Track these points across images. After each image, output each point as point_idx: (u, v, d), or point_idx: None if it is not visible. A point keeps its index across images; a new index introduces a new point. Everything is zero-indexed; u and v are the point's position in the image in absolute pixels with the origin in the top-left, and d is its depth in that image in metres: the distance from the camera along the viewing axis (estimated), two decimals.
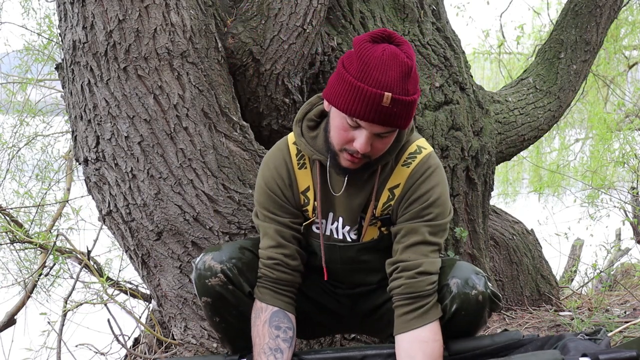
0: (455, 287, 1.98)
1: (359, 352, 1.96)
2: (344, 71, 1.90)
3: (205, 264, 2.06)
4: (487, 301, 2.00)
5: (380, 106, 1.84)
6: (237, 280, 2.06)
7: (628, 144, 6.71)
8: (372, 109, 1.85)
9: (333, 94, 1.93)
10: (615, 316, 3.48)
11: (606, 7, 4.02)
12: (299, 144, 2.11)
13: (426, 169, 2.07)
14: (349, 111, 1.86)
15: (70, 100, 2.75)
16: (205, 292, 2.07)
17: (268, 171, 2.16)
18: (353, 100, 1.86)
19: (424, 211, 2.03)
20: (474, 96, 3.40)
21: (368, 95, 1.84)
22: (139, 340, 3.31)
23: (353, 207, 2.09)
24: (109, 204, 2.73)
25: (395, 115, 1.86)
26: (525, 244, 3.82)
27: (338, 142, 1.95)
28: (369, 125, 1.87)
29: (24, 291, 4.36)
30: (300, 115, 2.13)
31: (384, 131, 1.90)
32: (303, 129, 2.11)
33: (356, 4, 3.16)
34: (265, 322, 2.03)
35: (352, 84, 1.86)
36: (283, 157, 2.15)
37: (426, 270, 2.00)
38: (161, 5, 2.56)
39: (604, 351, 1.69)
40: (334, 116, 1.95)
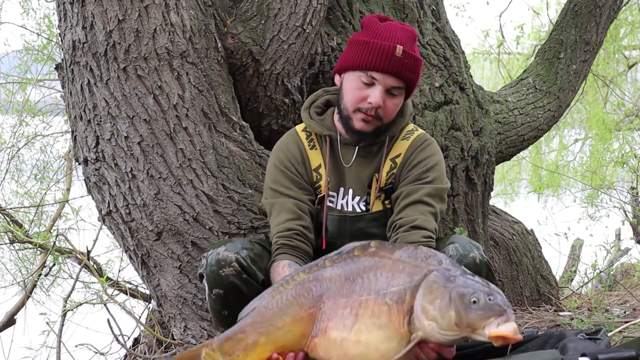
0: (453, 251, 2.09)
1: None
2: (355, 38, 2.17)
3: (220, 255, 2.10)
4: (484, 266, 2.08)
5: (394, 56, 2.09)
6: (251, 269, 2.11)
7: (627, 144, 6.71)
8: (386, 59, 2.09)
9: (346, 59, 2.17)
10: (614, 316, 3.48)
11: (606, 7, 4.02)
12: (308, 125, 2.29)
13: (424, 140, 2.29)
14: (365, 64, 2.10)
15: (69, 100, 2.75)
16: (218, 283, 2.09)
17: (281, 152, 2.29)
18: (367, 54, 2.11)
19: (423, 174, 2.20)
20: (474, 96, 3.40)
21: (381, 47, 2.10)
22: (139, 340, 3.31)
23: (362, 178, 2.25)
24: (109, 204, 2.73)
25: (406, 67, 2.11)
26: (525, 244, 3.82)
27: (352, 102, 2.15)
28: (383, 78, 2.10)
29: (24, 291, 4.36)
30: (307, 104, 2.33)
31: (397, 84, 2.12)
32: (311, 114, 2.30)
33: (356, 4, 3.16)
34: (285, 266, 2.11)
35: (366, 42, 2.13)
36: (294, 140, 2.31)
37: (420, 225, 2.11)
38: (161, 5, 2.56)
39: (603, 351, 1.69)
40: (348, 80, 2.17)
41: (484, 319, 1.58)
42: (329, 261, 1.80)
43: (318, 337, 1.74)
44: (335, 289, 1.75)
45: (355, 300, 1.71)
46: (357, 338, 1.68)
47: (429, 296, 1.64)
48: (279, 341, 1.77)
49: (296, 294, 1.78)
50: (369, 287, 1.71)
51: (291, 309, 1.77)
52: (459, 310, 1.59)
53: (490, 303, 1.59)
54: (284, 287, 1.81)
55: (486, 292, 1.61)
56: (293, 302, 1.77)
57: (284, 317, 1.77)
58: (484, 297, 1.60)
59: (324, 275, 1.77)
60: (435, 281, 1.66)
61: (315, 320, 1.75)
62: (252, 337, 1.76)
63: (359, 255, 1.78)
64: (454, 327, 1.61)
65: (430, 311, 1.63)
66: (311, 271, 1.80)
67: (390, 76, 2.11)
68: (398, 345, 1.66)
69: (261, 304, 1.80)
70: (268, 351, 1.76)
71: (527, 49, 8.37)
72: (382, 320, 1.67)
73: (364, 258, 1.77)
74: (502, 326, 1.57)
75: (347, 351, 1.69)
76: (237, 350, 1.76)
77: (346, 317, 1.70)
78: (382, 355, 1.66)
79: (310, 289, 1.77)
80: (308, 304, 1.76)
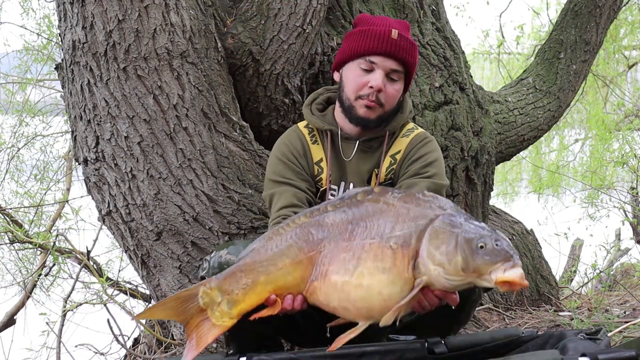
0: None
1: (357, 349, 1.96)
2: (350, 32, 2.26)
3: (222, 258, 2.08)
4: None
5: (391, 39, 2.17)
6: None
7: (627, 144, 6.71)
8: (383, 41, 2.16)
9: (344, 52, 2.24)
10: (614, 316, 3.48)
11: (606, 7, 4.02)
12: (310, 120, 2.32)
13: (424, 137, 2.31)
14: (363, 49, 2.18)
15: (69, 100, 2.75)
16: None
17: (283, 145, 2.31)
18: (365, 40, 2.18)
19: (423, 169, 2.22)
20: (474, 96, 3.40)
21: (378, 32, 2.18)
22: (139, 341, 3.31)
23: (362, 172, 2.27)
24: (109, 204, 2.73)
25: (404, 49, 2.18)
26: (524, 244, 3.82)
27: (354, 90, 2.20)
28: (382, 60, 2.17)
29: (24, 291, 4.36)
30: (308, 101, 2.37)
31: (396, 67, 2.18)
32: (312, 110, 2.34)
33: (356, 4, 3.16)
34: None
35: (361, 31, 2.21)
36: (297, 135, 2.34)
37: None
38: (161, 6, 2.56)
39: (603, 351, 1.69)
40: (347, 71, 2.23)
41: (491, 264, 1.56)
42: (331, 206, 1.77)
43: (318, 280, 1.71)
44: (336, 233, 1.72)
45: (358, 244, 1.68)
46: (359, 282, 1.65)
47: (436, 241, 1.62)
48: (278, 281, 1.74)
49: (296, 237, 1.75)
50: (372, 231, 1.68)
51: (290, 251, 1.74)
52: (465, 255, 1.58)
53: (497, 248, 1.57)
54: (284, 229, 1.78)
55: (493, 237, 1.59)
56: (293, 245, 1.75)
57: (283, 259, 1.74)
58: (491, 242, 1.58)
59: (326, 220, 1.74)
60: (442, 226, 1.63)
61: (314, 264, 1.72)
62: (252, 276, 1.74)
63: (361, 200, 1.75)
64: (460, 272, 1.59)
65: (436, 256, 1.61)
66: (312, 215, 1.77)
67: (388, 58, 2.17)
68: (401, 290, 1.64)
69: (261, 245, 1.78)
70: (267, 291, 1.74)
71: (527, 49, 8.37)
72: (386, 264, 1.64)
73: (367, 203, 1.74)
74: (509, 272, 1.55)
75: (348, 295, 1.67)
76: (235, 288, 1.74)
77: (348, 260, 1.67)
78: (385, 300, 1.64)
79: (310, 233, 1.74)
80: (308, 247, 1.73)
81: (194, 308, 1.75)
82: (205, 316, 1.76)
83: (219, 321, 1.75)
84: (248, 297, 1.74)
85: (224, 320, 1.75)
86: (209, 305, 1.75)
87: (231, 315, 1.75)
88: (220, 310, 1.75)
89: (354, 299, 1.67)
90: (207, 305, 1.75)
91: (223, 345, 2.72)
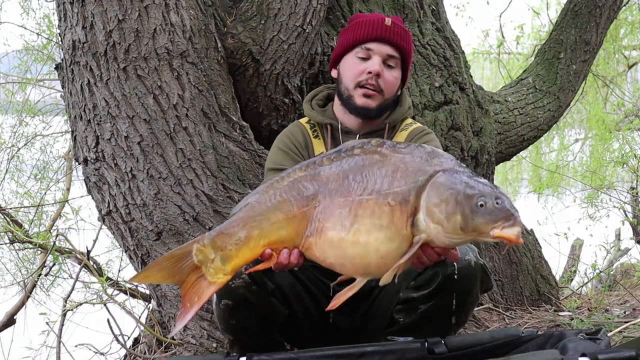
0: None
1: (357, 350, 1.95)
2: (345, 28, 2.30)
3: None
4: (479, 269, 2.03)
5: (384, 25, 2.20)
6: (261, 280, 2.05)
7: (627, 144, 6.70)
8: (377, 28, 2.20)
9: (339, 46, 2.27)
10: (614, 316, 3.48)
11: (606, 7, 4.02)
12: (310, 115, 2.34)
13: (423, 129, 2.34)
14: (358, 38, 2.21)
15: (69, 100, 2.75)
16: (227, 294, 2.03)
17: (285, 137, 2.32)
18: (359, 30, 2.22)
19: None
20: (474, 96, 3.40)
21: (371, 20, 2.22)
22: (139, 340, 3.31)
23: None
24: (109, 204, 2.73)
25: (398, 35, 2.22)
26: (524, 244, 3.82)
27: (352, 78, 2.22)
28: (378, 46, 2.21)
29: (24, 291, 4.36)
30: (309, 97, 2.39)
31: (392, 53, 2.21)
32: (313, 105, 2.36)
33: (356, 4, 3.16)
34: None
35: (355, 23, 2.25)
36: (299, 128, 2.35)
37: None
38: (161, 5, 2.56)
39: (603, 351, 1.68)
40: (344, 63, 2.25)
41: (491, 223, 1.55)
42: (327, 159, 1.74)
43: (313, 237, 1.69)
44: (332, 188, 1.69)
45: (355, 200, 1.65)
46: (355, 239, 1.63)
47: (435, 198, 1.59)
48: (272, 236, 1.72)
49: (290, 191, 1.73)
50: (369, 186, 1.66)
51: (284, 206, 1.72)
52: (465, 214, 1.56)
53: (498, 207, 1.56)
54: (278, 183, 1.76)
55: (494, 195, 1.57)
56: (286, 199, 1.72)
57: (276, 213, 1.72)
58: (492, 200, 1.56)
59: (321, 174, 1.72)
60: (442, 183, 1.61)
61: (309, 219, 1.70)
62: (245, 231, 1.72)
63: (359, 153, 1.72)
64: (459, 231, 1.58)
65: (435, 214, 1.58)
66: (308, 169, 1.75)
67: (384, 44, 2.21)
68: (399, 247, 1.62)
69: (254, 199, 1.75)
70: (261, 246, 1.73)
71: (527, 49, 8.38)
72: (383, 221, 1.62)
73: (364, 156, 1.71)
74: (507, 230, 1.54)
75: (344, 252, 1.65)
76: (229, 244, 1.72)
77: (344, 217, 1.65)
78: (382, 257, 1.63)
79: (305, 187, 1.72)
80: (302, 202, 1.71)
81: (189, 266, 1.74)
82: (200, 274, 1.74)
83: (214, 278, 1.74)
84: (242, 252, 1.73)
85: (218, 276, 1.74)
86: (203, 263, 1.73)
87: (225, 271, 1.74)
88: (215, 266, 1.73)
89: (350, 256, 1.65)
90: (202, 262, 1.73)
91: (223, 346, 2.72)
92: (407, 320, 2.09)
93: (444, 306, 2.04)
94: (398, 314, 2.11)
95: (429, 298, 2.04)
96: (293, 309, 2.16)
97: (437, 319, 2.06)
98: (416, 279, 2.07)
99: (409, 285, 2.09)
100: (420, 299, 2.05)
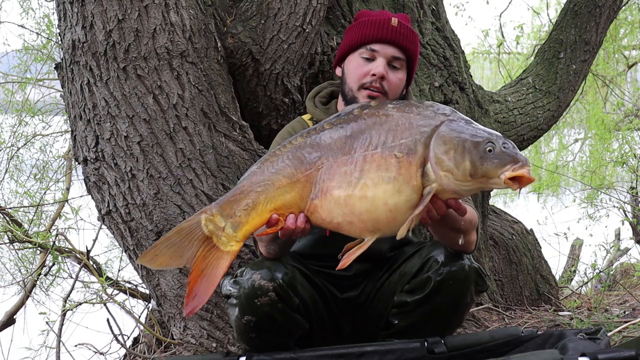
0: (442, 257, 2.02)
1: (357, 349, 1.96)
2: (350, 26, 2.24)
3: (255, 283, 1.99)
4: (473, 272, 2.03)
5: (390, 26, 2.14)
6: (287, 296, 2.02)
7: (627, 144, 6.71)
8: (383, 29, 2.14)
9: (344, 45, 2.22)
10: (614, 316, 3.48)
11: (605, 7, 4.02)
12: (313, 113, 2.30)
13: None
14: (363, 38, 2.15)
15: (69, 100, 2.75)
16: (252, 311, 1.99)
17: (286, 132, 2.29)
18: (365, 29, 2.17)
19: None
20: (474, 96, 3.40)
21: (377, 20, 2.16)
22: (139, 340, 3.30)
23: None
24: (109, 204, 2.73)
25: (404, 36, 2.15)
26: (524, 243, 3.82)
27: (356, 79, 2.16)
28: (383, 47, 2.15)
29: (23, 291, 4.35)
30: (312, 94, 2.34)
31: (397, 55, 2.16)
32: (316, 103, 2.31)
33: (356, 4, 3.16)
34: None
35: (360, 22, 2.19)
36: (301, 124, 2.31)
37: None
38: (160, 5, 2.56)
39: (603, 351, 1.69)
40: (349, 63, 2.20)
41: (500, 167, 1.56)
42: (328, 124, 1.74)
43: (318, 198, 1.69)
44: (335, 149, 1.69)
45: (359, 156, 1.65)
46: (362, 193, 1.62)
47: (443, 147, 1.60)
48: (277, 200, 1.72)
49: (292, 157, 1.73)
50: (373, 142, 1.66)
51: (287, 170, 1.72)
52: (474, 160, 1.57)
53: (506, 150, 1.57)
54: (280, 150, 1.76)
55: (500, 139, 1.59)
56: (289, 165, 1.73)
57: (280, 178, 1.72)
58: (499, 144, 1.58)
59: (322, 138, 1.72)
60: (448, 131, 1.62)
61: (313, 182, 1.70)
62: (251, 196, 1.72)
63: (358, 114, 1.72)
64: (469, 177, 1.58)
65: (444, 162, 1.59)
66: (309, 135, 1.75)
67: (389, 45, 2.15)
68: (408, 199, 1.62)
69: (258, 167, 1.76)
70: (268, 211, 1.73)
71: (527, 49, 8.37)
72: (391, 173, 1.61)
73: (365, 117, 1.71)
74: (518, 170, 1.55)
75: (352, 208, 1.64)
76: (237, 210, 1.72)
77: (350, 173, 1.65)
78: (391, 210, 1.62)
79: (308, 151, 1.72)
80: (304, 166, 1.71)
81: (199, 238, 1.72)
82: (212, 244, 1.73)
83: (227, 247, 1.72)
84: (251, 217, 1.73)
85: (231, 244, 1.73)
86: (214, 232, 1.72)
87: (237, 238, 1.73)
88: (226, 234, 1.72)
89: (358, 212, 1.64)
90: (212, 232, 1.72)
91: (223, 345, 2.72)
92: (402, 323, 2.09)
93: (439, 309, 2.04)
94: (393, 317, 2.11)
95: (423, 301, 2.04)
96: (312, 321, 2.15)
97: (432, 322, 2.06)
98: (410, 282, 2.07)
99: (403, 289, 2.09)
100: (415, 302, 2.05)
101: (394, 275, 2.16)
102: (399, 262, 2.16)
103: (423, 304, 2.04)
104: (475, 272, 2.04)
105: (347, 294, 2.22)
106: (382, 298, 2.17)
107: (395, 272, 2.16)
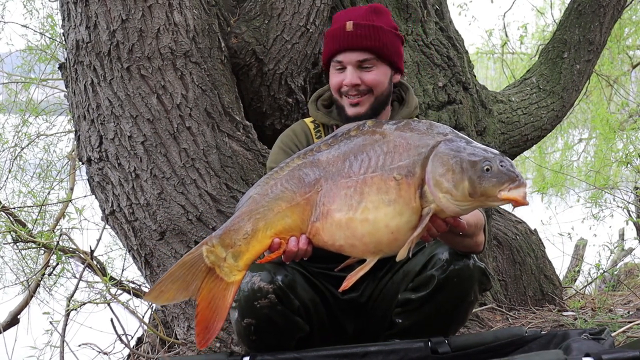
0: (447, 255, 2.02)
1: (361, 349, 1.95)
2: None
3: (255, 285, 1.99)
4: (477, 270, 2.04)
5: (345, 33, 2.11)
6: (286, 298, 2.02)
7: (632, 144, 6.69)
8: (338, 39, 2.12)
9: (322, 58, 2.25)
10: (618, 316, 3.47)
11: (610, 6, 4.01)
12: (315, 116, 2.29)
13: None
14: (329, 53, 2.17)
15: (73, 100, 2.76)
16: (252, 314, 2.00)
17: (287, 137, 2.29)
18: (328, 44, 2.18)
19: None
20: (477, 96, 3.40)
21: (333, 32, 2.16)
22: (142, 340, 3.31)
23: None
24: (112, 204, 2.73)
25: (362, 37, 2.10)
26: (528, 243, 3.81)
27: (334, 90, 2.18)
28: (345, 56, 2.13)
29: (27, 291, 4.37)
30: (314, 97, 2.33)
31: (361, 57, 2.11)
32: (318, 106, 2.31)
33: (359, 4, 3.16)
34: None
35: (325, 35, 2.22)
36: (302, 128, 2.31)
37: None
38: (164, 5, 2.56)
39: (607, 351, 1.68)
40: (329, 74, 2.21)
41: (498, 185, 1.58)
42: (325, 145, 1.75)
43: (319, 221, 1.69)
44: (333, 171, 1.70)
45: (359, 179, 1.66)
46: (364, 217, 1.63)
47: (441, 168, 1.61)
48: (277, 225, 1.73)
49: (290, 179, 1.73)
50: (372, 164, 1.67)
51: (285, 195, 1.73)
52: (472, 180, 1.59)
53: (503, 169, 1.59)
54: (278, 173, 1.76)
55: (497, 158, 1.60)
56: (287, 188, 1.73)
57: (279, 203, 1.72)
58: (496, 163, 1.59)
59: (320, 159, 1.73)
60: (445, 152, 1.63)
61: (313, 205, 1.70)
62: (251, 224, 1.72)
63: (355, 135, 1.73)
64: (468, 197, 1.60)
65: (443, 183, 1.60)
66: (306, 156, 1.75)
67: (348, 52, 2.13)
68: (408, 220, 1.63)
69: (256, 192, 1.76)
70: (268, 237, 1.73)
71: (531, 49, 8.35)
72: (391, 196, 1.63)
73: (362, 137, 1.72)
74: (514, 191, 1.57)
75: (354, 231, 1.65)
76: (237, 240, 1.72)
77: (350, 196, 1.65)
78: (392, 232, 1.63)
79: (306, 174, 1.73)
80: (303, 189, 1.72)
81: (202, 270, 1.73)
82: (215, 276, 1.73)
83: (230, 277, 1.73)
84: (251, 245, 1.73)
85: (234, 274, 1.73)
86: (216, 263, 1.73)
87: (239, 267, 1.73)
88: (228, 265, 1.73)
89: (360, 235, 1.65)
90: (214, 263, 1.73)
91: (226, 345, 2.72)
92: (406, 322, 2.09)
93: (443, 307, 2.04)
94: (397, 316, 2.11)
95: (427, 299, 2.04)
96: (313, 324, 2.15)
97: (435, 321, 2.06)
98: (414, 280, 2.07)
99: (407, 287, 2.08)
100: (419, 300, 2.05)
101: (397, 275, 2.16)
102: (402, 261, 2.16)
103: (427, 302, 2.04)
104: (479, 270, 2.05)
105: (348, 295, 2.22)
106: (386, 298, 2.17)
107: (398, 271, 2.16)
